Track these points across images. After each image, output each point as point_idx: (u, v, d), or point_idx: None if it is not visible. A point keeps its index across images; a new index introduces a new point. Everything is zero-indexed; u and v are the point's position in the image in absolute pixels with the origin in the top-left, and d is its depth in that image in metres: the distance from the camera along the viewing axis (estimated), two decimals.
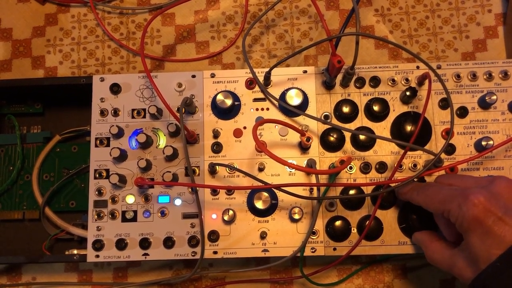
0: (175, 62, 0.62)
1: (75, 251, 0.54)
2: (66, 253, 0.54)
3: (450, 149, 0.51)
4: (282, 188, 0.46)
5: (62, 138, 0.58)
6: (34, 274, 0.58)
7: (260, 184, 0.47)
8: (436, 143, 0.51)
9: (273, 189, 0.50)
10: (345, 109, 0.51)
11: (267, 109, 0.53)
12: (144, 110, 0.53)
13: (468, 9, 0.62)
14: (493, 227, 0.37)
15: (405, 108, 0.52)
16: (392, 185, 0.48)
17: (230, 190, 0.51)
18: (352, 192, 0.50)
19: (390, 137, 0.51)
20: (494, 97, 0.50)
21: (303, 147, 0.51)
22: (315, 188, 0.50)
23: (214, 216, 0.51)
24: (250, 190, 0.51)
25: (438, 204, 0.42)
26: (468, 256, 0.40)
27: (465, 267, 0.40)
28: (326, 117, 0.52)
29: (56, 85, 0.56)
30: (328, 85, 0.52)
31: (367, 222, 0.49)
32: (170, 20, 0.63)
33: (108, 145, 0.53)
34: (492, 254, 0.37)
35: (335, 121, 0.52)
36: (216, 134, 0.52)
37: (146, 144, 0.52)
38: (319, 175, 0.49)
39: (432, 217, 0.47)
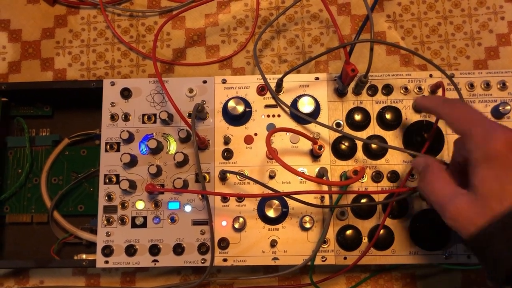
0: (185, 66, 0.62)
1: (84, 256, 0.54)
2: (75, 257, 0.54)
3: None
4: (293, 196, 0.45)
5: (71, 141, 0.58)
6: (42, 277, 0.58)
7: (270, 192, 0.46)
8: (449, 152, 0.51)
9: (284, 197, 0.50)
10: (357, 117, 0.51)
11: (279, 115, 0.52)
12: (154, 115, 0.53)
13: (481, 16, 0.61)
14: None
15: (417, 117, 0.52)
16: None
17: (240, 197, 0.51)
18: (363, 200, 0.50)
19: (402, 146, 0.51)
20: (508, 107, 0.50)
21: (315, 155, 0.51)
22: (326, 196, 0.50)
23: (224, 223, 0.51)
24: (260, 198, 0.51)
25: (463, 121, 0.38)
26: (475, 195, 0.35)
27: (467, 208, 0.35)
28: (338, 124, 0.52)
29: (66, 88, 0.56)
30: (341, 93, 0.52)
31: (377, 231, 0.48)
32: (181, 24, 0.63)
33: (118, 150, 0.52)
34: (509, 193, 0.33)
35: (347, 129, 0.52)
36: (227, 141, 0.52)
37: (157, 150, 0.51)
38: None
39: (445, 227, 0.47)
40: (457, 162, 0.41)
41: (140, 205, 0.51)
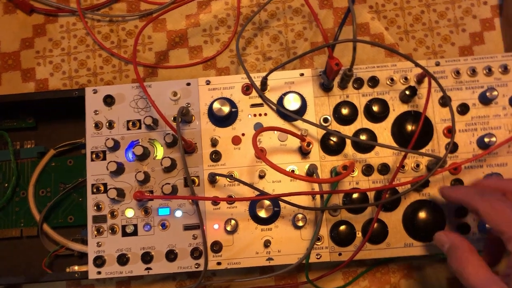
0: (168, 68, 0.61)
1: (76, 268, 0.53)
2: (67, 270, 0.53)
3: (452, 147, 0.50)
4: (283, 199, 0.45)
5: (57, 152, 0.57)
6: None
7: (260, 195, 0.46)
8: (438, 141, 0.50)
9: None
10: (344, 111, 0.50)
11: (265, 114, 0.52)
12: (139, 121, 0.52)
13: (464, 2, 0.61)
14: None
15: (405, 108, 0.51)
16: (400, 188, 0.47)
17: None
18: (355, 196, 0.49)
19: (391, 137, 0.51)
20: (495, 92, 0.49)
21: (304, 152, 0.50)
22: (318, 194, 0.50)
23: (216, 226, 0.50)
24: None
25: (503, 223, 0.37)
26: None
27: None
28: (325, 120, 0.51)
29: (48, 98, 0.55)
30: (326, 87, 0.51)
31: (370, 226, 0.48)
32: (161, 26, 0.62)
33: (104, 158, 0.51)
34: None
35: (334, 124, 0.51)
36: (214, 143, 0.51)
37: (143, 156, 0.50)
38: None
39: (439, 220, 0.47)
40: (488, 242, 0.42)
41: (129, 213, 0.50)
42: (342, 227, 0.49)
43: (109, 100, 0.52)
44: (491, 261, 0.42)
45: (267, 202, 0.49)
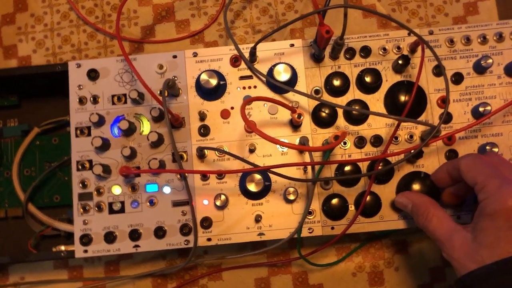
0: (155, 43, 0.59)
1: (63, 247, 0.51)
2: (53, 250, 0.51)
3: (446, 117, 0.49)
4: (273, 170, 0.44)
5: (41, 130, 0.55)
6: (22, 273, 0.56)
7: (250, 167, 0.45)
8: (432, 111, 0.49)
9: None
10: (336, 82, 0.49)
11: (255, 87, 0.50)
12: (124, 95, 0.50)
13: None
14: None
15: (398, 78, 0.50)
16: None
17: (221, 174, 0.49)
18: (347, 168, 0.48)
19: (384, 108, 0.49)
20: (490, 60, 0.48)
21: (295, 125, 0.49)
22: (309, 167, 0.48)
23: (205, 202, 0.49)
24: (242, 173, 0.49)
25: (478, 174, 0.39)
26: (473, 239, 0.38)
27: (461, 248, 0.38)
28: (317, 91, 0.50)
29: (31, 74, 0.53)
30: (317, 58, 0.50)
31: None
32: (147, 0, 0.60)
33: (89, 134, 0.50)
34: (501, 250, 0.35)
35: (326, 96, 0.50)
36: (202, 117, 0.50)
37: (129, 131, 0.49)
38: (312, 153, 0.47)
39: (432, 188, 0.46)
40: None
41: (116, 190, 0.49)
42: (334, 200, 0.48)
43: (93, 75, 0.50)
44: (454, 201, 0.46)
45: (257, 176, 0.47)
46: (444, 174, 0.44)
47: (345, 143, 0.49)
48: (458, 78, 0.49)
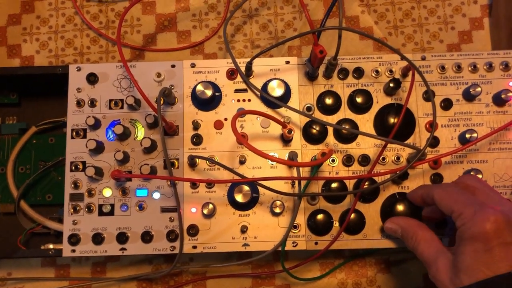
0: (155, 51, 0.60)
1: (51, 246, 0.52)
2: (42, 247, 0.52)
3: (433, 141, 0.50)
4: (261, 183, 0.45)
5: (39, 129, 0.56)
6: (10, 269, 0.56)
7: (239, 178, 0.46)
8: (420, 135, 0.50)
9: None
10: (328, 101, 0.50)
11: (249, 100, 0.51)
12: (121, 100, 0.51)
13: (454, 0, 0.61)
14: (495, 249, 0.36)
15: (388, 100, 0.51)
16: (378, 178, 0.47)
17: (210, 183, 0.50)
18: (334, 185, 0.49)
19: (373, 129, 0.51)
20: (479, 89, 0.49)
21: (285, 140, 0.50)
22: (297, 182, 0.49)
23: (193, 210, 0.50)
24: (230, 184, 0.50)
25: (453, 203, 0.40)
26: (454, 262, 0.39)
27: (444, 271, 0.39)
28: (309, 109, 0.51)
29: (32, 74, 0.54)
30: (311, 76, 0.51)
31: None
32: (151, 9, 0.62)
33: (84, 136, 0.51)
34: (479, 272, 0.36)
35: (317, 113, 0.51)
36: (196, 126, 0.51)
37: (124, 136, 0.50)
38: (300, 168, 0.48)
39: (416, 210, 0.47)
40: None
41: (107, 192, 0.50)
42: (320, 216, 0.49)
43: (92, 78, 0.52)
44: (434, 218, 0.48)
45: (246, 188, 0.48)
46: (419, 199, 0.46)
47: (333, 161, 0.50)
48: (447, 104, 0.51)
